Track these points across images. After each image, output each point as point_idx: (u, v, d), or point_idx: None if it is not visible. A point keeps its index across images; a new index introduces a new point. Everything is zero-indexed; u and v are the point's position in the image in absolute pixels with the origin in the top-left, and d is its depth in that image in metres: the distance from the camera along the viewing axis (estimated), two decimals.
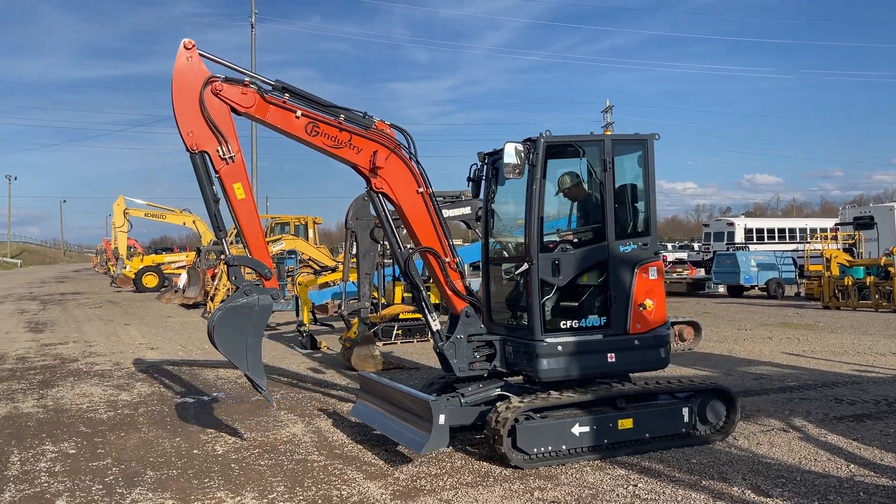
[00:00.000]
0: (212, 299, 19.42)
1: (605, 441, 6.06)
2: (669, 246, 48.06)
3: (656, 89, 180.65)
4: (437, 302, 9.30)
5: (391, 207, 6.63)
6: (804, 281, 22.88)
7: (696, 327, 12.40)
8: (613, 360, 6.39)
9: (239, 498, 5.31)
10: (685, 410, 6.39)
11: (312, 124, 6.21)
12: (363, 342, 10.74)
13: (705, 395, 6.50)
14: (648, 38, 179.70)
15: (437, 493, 5.34)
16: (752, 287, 24.15)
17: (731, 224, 35.50)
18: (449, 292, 6.58)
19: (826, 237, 24.86)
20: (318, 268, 21.68)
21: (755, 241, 33.54)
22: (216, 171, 6.06)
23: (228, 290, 20.64)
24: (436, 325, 6.55)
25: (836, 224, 28.64)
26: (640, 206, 6.71)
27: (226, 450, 6.59)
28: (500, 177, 6.74)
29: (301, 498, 5.28)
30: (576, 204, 6.99)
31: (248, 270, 6.41)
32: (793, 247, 29.86)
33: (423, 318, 6.74)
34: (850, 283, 19.47)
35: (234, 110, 6.07)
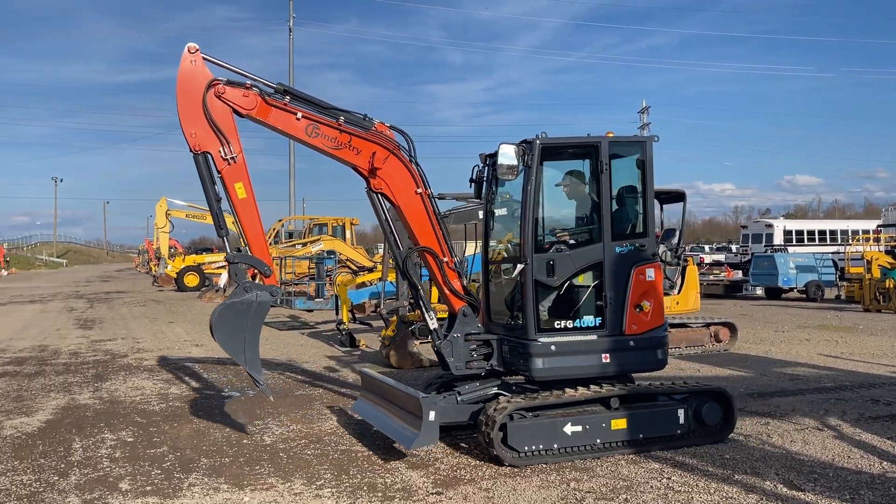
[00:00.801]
0: None
1: (599, 441, 6.08)
2: (706, 248, 47.63)
3: (694, 90, 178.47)
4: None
5: (389, 206, 6.75)
6: (844, 283, 22.58)
7: (731, 328, 12.47)
8: (608, 360, 6.40)
9: (289, 484, 5.60)
10: (680, 412, 6.37)
11: (313, 126, 6.37)
12: (401, 340, 11.01)
13: (702, 397, 6.48)
14: (686, 38, 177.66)
15: (476, 482, 5.57)
16: (791, 289, 23.91)
17: (770, 225, 35.13)
18: (447, 291, 6.69)
19: (867, 239, 24.50)
20: (355, 268, 22.04)
21: (794, 242, 33.15)
22: (218, 172, 6.23)
23: None
24: (433, 323, 6.65)
25: (879, 226, 28.17)
26: (638, 208, 6.71)
27: (273, 440, 6.90)
28: (500, 178, 6.78)
29: (347, 485, 5.55)
30: (575, 204, 7.06)
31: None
32: (833, 249, 29.45)
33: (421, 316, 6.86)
34: (891, 286, 19.20)
35: (236, 112, 6.24)
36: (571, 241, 6.74)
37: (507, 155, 6.24)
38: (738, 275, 27.63)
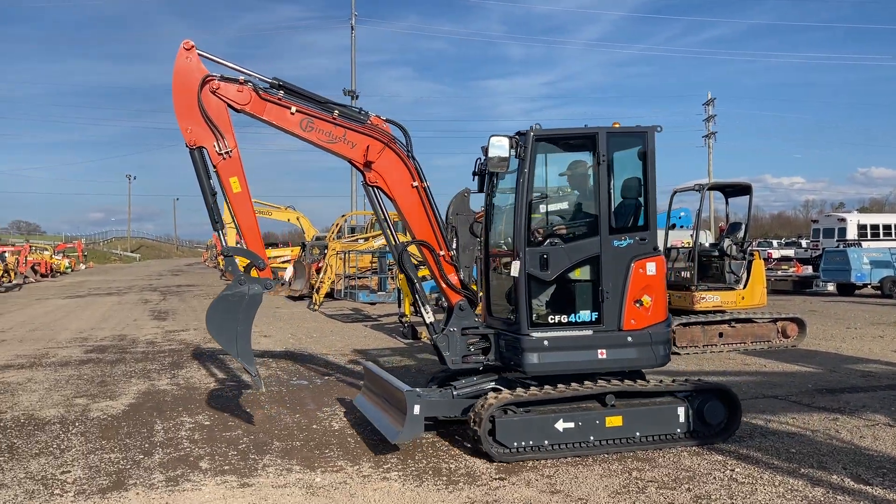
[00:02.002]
0: (317, 291, 20.38)
1: (592, 438, 5.97)
2: (775, 243, 46.29)
3: (762, 80, 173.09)
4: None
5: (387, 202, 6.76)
6: None
7: (800, 324, 12.20)
8: (604, 356, 6.26)
9: (357, 467, 5.83)
10: (681, 410, 6.19)
11: (307, 120, 6.40)
12: None
13: (705, 396, 6.29)
14: (754, 28, 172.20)
15: (539, 469, 5.68)
16: (865, 285, 23.07)
17: (843, 220, 33.91)
18: (443, 285, 6.68)
19: None
20: (416, 262, 22.34)
21: (869, 237, 31.92)
22: (214, 166, 6.32)
23: (333, 282, 21.65)
24: (430, 317, 6.64)
25: None
26: (640, 200, 6.51)
27: (341, 426, 7.15)
28: (490, 170, 6.62)
29: (413, 469, 5.74)
30: (575, 196, 6.94)
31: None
32: None
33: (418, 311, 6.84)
34: None
35: (232, 107, 6.32)
36: (567, 235, 6.62)
37: (498, 147, 6.16)
38: (808, 270, 26.81)
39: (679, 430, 6.19)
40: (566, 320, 6.34)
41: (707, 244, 14.26)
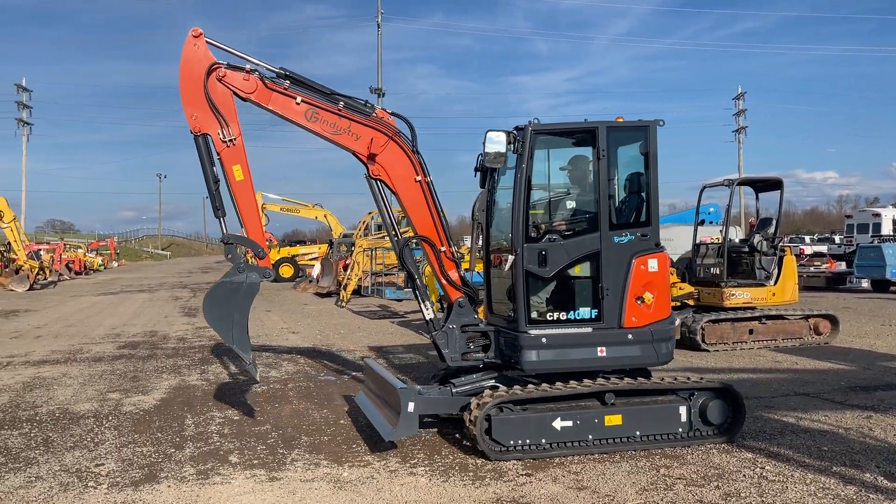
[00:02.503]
0: (344, 288, 20.49)
1: (591, 437, 5.90)
2: (807, 239, 45.57)
3: (794, 74, 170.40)
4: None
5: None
6: None
7: (832, 321, 12.00)
8: (604, 354, 6.18)
9: (384, 462, 5.86)
10: (682, 409, 6.09)
11: (312, 111, 6.38)
12: None
13: (707, 395, 6.19)
14: (785, 20, 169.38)
15: (566, 465, 5.67)
16: None
17: (878, 215, 33.24)
18: (443, 282, 6.61)
19: None
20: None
21: None
22: (217, 154, 6.33)
23: (360, 279, 21.76)
24: (429, 314, 6.58)
25: None
26: (642, 195, 6.43)
27: (368, 421, 7.18)
28: (502, 167, 6.52)
29: (440, 464, 5.76)
30: (576, 192, 6.85)
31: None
32: None
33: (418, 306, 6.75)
34: None
35: (237, 96, 6.32)
36: (566, 231, 6.52)
37: (494, 142, 6.11)
38: (842, 266, 26.37)
39: (681, 430, 6.09)
40: (565, 317, 6.26)
41: (737, 240, 14.07)
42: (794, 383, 8.71)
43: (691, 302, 12.00)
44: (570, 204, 6.86)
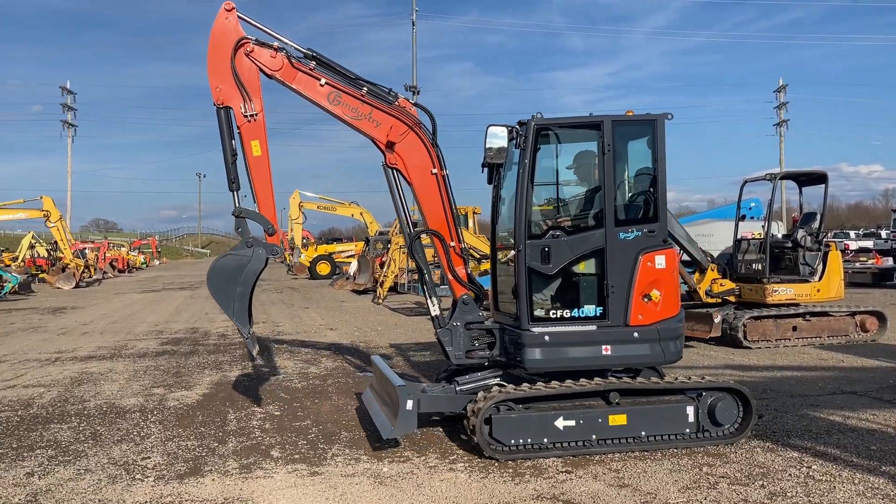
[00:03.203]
0: (381, 285, 20.62)
1: (594, 437, 5.78)
2: (852, 234, 44.48)
3: (837, 65, 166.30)
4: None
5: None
6: None
7: (880, 317, 11.72)
8: (609, 352, 6.08)
9: (424, 458, 5.89)
10: (690, 409, 5.93)
11: (335, 94, 6.40)
12: None
13: (715, 394, 6.03)
14: (830, 10, 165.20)
15: (606, 463, 5.63)
16: None
17: None
18: (450, 277, 6.57)
19: None
20: (478, 255, 22.37)
21: None
22: (238, 128, 6.35)
23: (396, 276, 21.86)
24: (435, 310, 6.53)
25: None
26: (649, 191, 6.30)
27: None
28: (507, 162, 6.50)
29: (479, 461, 5.76)
30: (582, 188, 6.73)
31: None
32: None
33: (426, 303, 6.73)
34: None
35: (263, 72, 6.36)
36: (569, 227, 6.41)
37: (495, 137, 6.05)
38: (889, 262, 25.69)
39: (689, 430, 5.94)
40: (569, 315, 6.17)
41: (779, 235, 13.80)
42: (841, 381, 8.52)
43: (732, 298, 11.81)
44: (575, 200, 6.75)
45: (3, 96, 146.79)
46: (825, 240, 12.03)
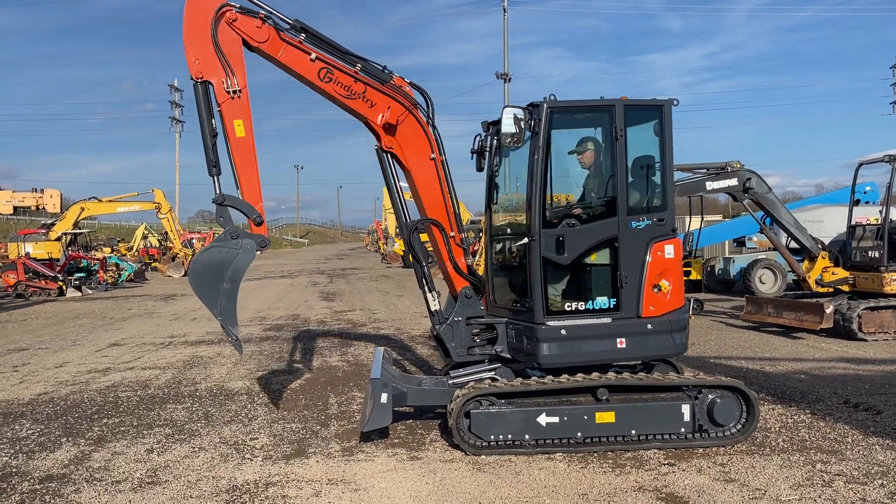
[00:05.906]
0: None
1: (580, 434, 5.54)
2: None
3: None
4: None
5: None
6: None
7: None
8: (624, 345, 5.85)
9: None
10: (685, 408, 5.61)
11: (326, 70, 5.89)
12: None
13: (714, 392, 5.69)
14: None
15: (711, 457, 5.46)
16: None
17: None
18: (450, 268, 6.27)
19: None
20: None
21: None
22: (218, 105, 5.80)
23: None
24: (434, 305, 6.27)
25: None
26: (656, 178, 6.08)
27: None
28: (502, 147, 6.28)
29: (577, 454, 5.70)
30: (589, 175, 6.38)
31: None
32: None
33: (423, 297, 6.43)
34: None
35: (246, 44, 5.83)
36: (583, 215, 6.11)
37: (511, 121, 5.71)
38: None
39: (684, 430, 5.64)
40: (583, 307, 5.94)
41: None
42: None
43: (846, 288, 11.18)
44: (589, 187, 6.46)
45: (118, 95, 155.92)
46: None
